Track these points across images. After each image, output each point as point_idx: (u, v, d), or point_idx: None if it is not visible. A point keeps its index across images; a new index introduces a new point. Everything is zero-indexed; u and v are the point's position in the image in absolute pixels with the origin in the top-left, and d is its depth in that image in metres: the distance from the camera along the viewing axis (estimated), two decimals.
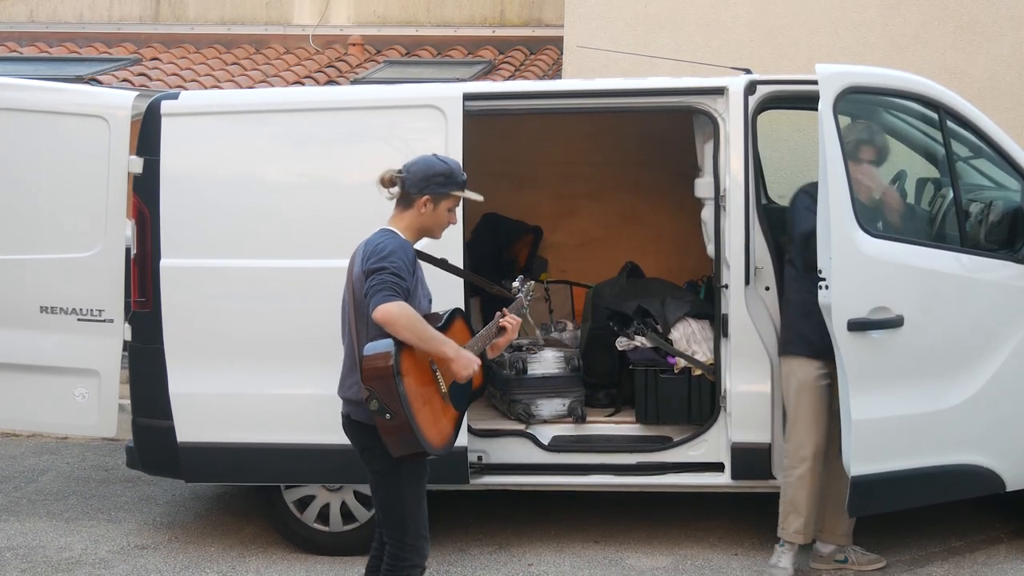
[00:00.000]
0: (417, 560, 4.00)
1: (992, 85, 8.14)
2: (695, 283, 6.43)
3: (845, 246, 4.74)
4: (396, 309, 3.74)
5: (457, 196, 4.07)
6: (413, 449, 3.81)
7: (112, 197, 5.47)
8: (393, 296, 3.75)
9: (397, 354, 3.75)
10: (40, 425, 6.30)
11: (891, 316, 4.82)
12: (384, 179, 4.02)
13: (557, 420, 5.71)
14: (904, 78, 5.21)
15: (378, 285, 3.78)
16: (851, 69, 5.05)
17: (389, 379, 3.72)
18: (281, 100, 5.74)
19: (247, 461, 5.41)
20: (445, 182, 4.00)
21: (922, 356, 4.97)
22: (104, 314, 5.50)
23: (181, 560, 5.59)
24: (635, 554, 5.53)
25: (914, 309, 4.88)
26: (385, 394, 3.73)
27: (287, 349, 5.29)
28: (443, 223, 4.08)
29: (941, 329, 5.01)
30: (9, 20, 11.71)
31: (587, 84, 5.75)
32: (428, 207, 4.00)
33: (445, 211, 4.05)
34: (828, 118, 4.77)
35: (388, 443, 3.81)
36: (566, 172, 7.70)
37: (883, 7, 8.32)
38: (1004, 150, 5.20)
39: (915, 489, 5.02)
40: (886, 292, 4.83)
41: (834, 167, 4.75)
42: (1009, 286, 5.10)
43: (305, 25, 11.45)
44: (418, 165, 4.01)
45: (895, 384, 4.89)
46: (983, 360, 5.06)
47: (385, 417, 3.74)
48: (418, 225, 4.03)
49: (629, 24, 8.58)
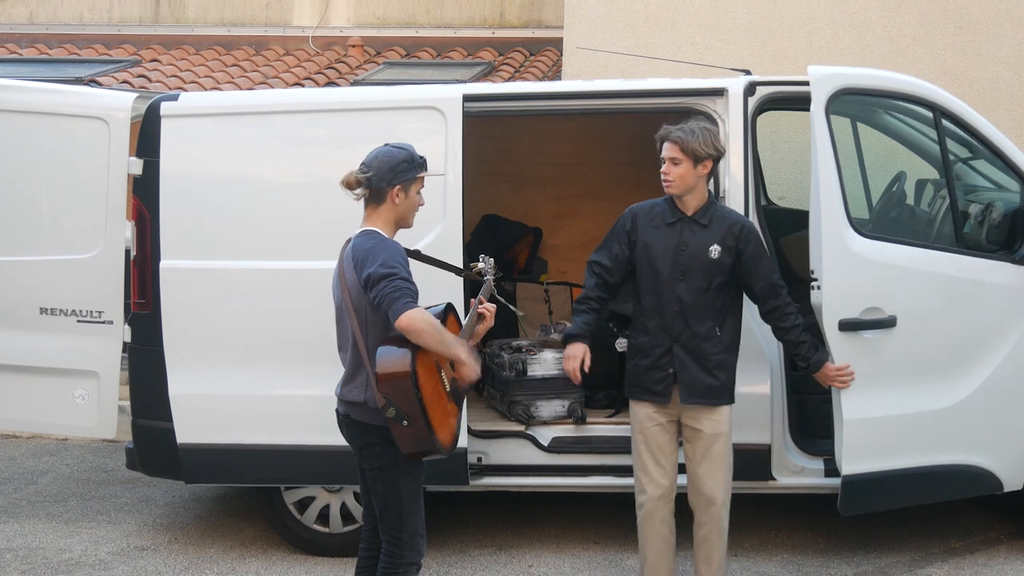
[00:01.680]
0: (414, 557, 4.02)
1: (992, 86, 8.15)
2: None
3: (837, 247, 4.79)
4: (419, 316, 3.78)
5: (422, 177, 4.09)
6: (425, 449, 3.86)
7: (112, 198, 5.47)
8: (412, 303, 3.80)
9: (413, 361, 3.78)
10: (40, 426, 6.30)
11: (884, 317, 4.85)
12: (349, 182, 4.02)
13: (557, 421, 5.71)
14: (899, 79, 5.23)
15: (393, 292, 3.80)
16: (843, 71, 5.08)
17: (408, 387, 3.75)
18: (281, 101, 5.73)
19: (247, 462, 5.41)
20: (409, 167, 4.03)
21: (916, 357, 4.98)
22: (104, 315, 5.50)
23: (181, 561, 5.59)
24: (635, 555, 5.51)
25: (908, 310, 4.90)
26: (403, 401, 3.77)
27: (287, 350, 5.29)
28: (415, 207, 4.12)
29: (936, 330, 5.02)
30: (9, 22, 11.71)
31: (587, 85, 5.75)
32: (401, 196, 4.03)
33: (415, 195, 4.09)
34: (820, 119, 4.82)
35: (400, 442, 3.85)
36: (566, 173, 7.71)
37: (883, 8, 8.33)
38: (1001, 151, 5.20)
39: (907, 489, 5.03)
40: (879, 293, 4.86)
41: (826, 168, 4.80)
42: (1007, 287, 5.10)
43: (305, 26, 11.46)
44: (380, 159, 4.03)
45: (888, 384, 4.91)
46: (980, 361, 5.07)
47: (403, 424, 3.77)
48: (395, 217, 4.06)
49: (629, 25, 8.58)
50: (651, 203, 4.74)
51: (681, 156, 4.53)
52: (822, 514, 5.91)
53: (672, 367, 4.58)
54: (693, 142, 4.51)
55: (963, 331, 5.09)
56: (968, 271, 5.07)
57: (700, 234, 4.58)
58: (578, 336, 4.61)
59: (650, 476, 4.67)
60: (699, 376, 4.57)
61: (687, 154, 4.51)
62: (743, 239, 4.59)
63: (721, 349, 4.60)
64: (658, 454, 4.67)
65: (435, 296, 4.25)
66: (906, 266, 4.97)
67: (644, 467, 4.69)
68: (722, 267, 4.57)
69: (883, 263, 4.91)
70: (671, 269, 4.57)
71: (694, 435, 4.65)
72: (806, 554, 5.53)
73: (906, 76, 5.32)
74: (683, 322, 4.56)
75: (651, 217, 4.67)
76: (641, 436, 4.69)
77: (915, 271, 4.98)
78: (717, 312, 4.60)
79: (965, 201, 5.52)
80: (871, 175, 6.43)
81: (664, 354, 4.59)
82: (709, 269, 4.55)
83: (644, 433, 4.68)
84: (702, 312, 4.56)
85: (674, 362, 4.58)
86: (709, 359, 4.57)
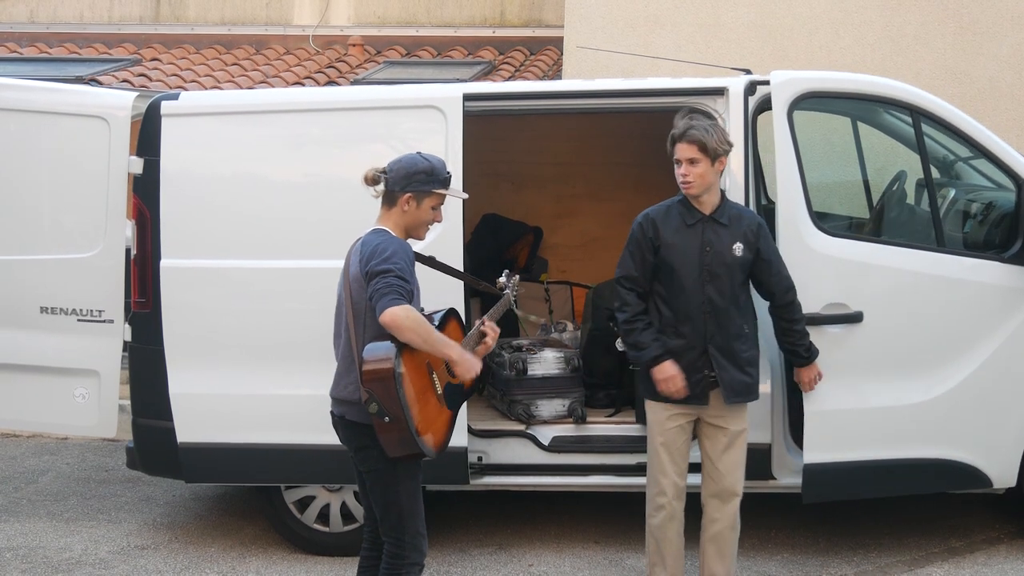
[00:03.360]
0: (416, 557, 4.01)
1: (992, 85, 8.15)
2: None
3: (796, 244, 4.97)
4: (403, 313, 3.75)
5: (439, 194, 4.05)
6: (410, 451, 3.82)
7: (112, 197, 5.47)
8: (399, 299, 3.76)
9: (398, 357, 3.76)
10: (40, 425, 6.31)
11: (849, 312, 4.98)
12: (368, 177, 4.04)
13: (557, 420, 5.71)
14: (871, 82, 5.34)
15: (384, 288, 3.78)
16: (806, 75, 5.22)
17: (390, 383, 3.72)
18: (281, 101, 5.73)
19: (247, 461, 5.41)
20: (427, 180, 4.00)
21: (885, 352, 5.08)
22: (104, 314, 5.50)
23: (181, 560, 5.59)
24: (635, 554, 5.52)
25: (876, 306, 5.02)
26: (385, 397, 3.74)
27: (287, 349, 5.29)
28: (426, 222, 4.07)
29: (908, 326, 5.10)
30: (9, 20, 11.72)
31: (587, 85, 5.75)
32: (411, 205, 4.00)
33: (428, 209, 4.04)
34: (782, 123, 5.03)
35: (385, 444, 3.82)
36: (566, 172, 7.71)
37: (883, 8, 8.33)
38: (989, 150, 5.24)
39: (877, 480, 5.13)
40: (842, 289, 5.00)
41: (789, 169, 5.01)
42: (991, 286, 5.13)
43: (305, 25, 11.46)
44: (401, 163, 4.02)
45: (855, 377, 5.02)
46: (960, 358, 5.11)
47: (384, 420, 3.75)
48: (404, 224, 4.04)
49: (629, 25, 8.59)
50: (664, 206, 4.70)
51: (700, 155, 4.50)
52: (822, 514, 5.92)
53: (709, 369, 4.57)
54: (711, 140, 4.48)
55: (940, 328, 5.14)
56: (947, 270, 5.12)
57: (722, 233, 4.57)
58: (662, 355, 4.57)
59: (669, 478, 4.66)
60: (736, 375, 4.58)
61: (707, 153, 4.49)
62: (762, 235, 4.62)
63: (751, 346, 4.64)
64: (676, 455, 4.66)
65: (434, 300, 4.25)
66: (874, 263, 5.09)
67: (663, 469, 4.66)
68: (745, 264, 4.59)
69: (848, 260, 5.04)
70: (698, 271, 4.56)
71: (716, 432, 4.65)
72: (806, 554, 5.53)
73: (881, 78, 5.38)
74: (715, 323, 4.56)
75: (669, 220, 4.64)
76: (661, 438, 4.67)
77: (885, 268, 5.09)
78: (742, 309, 4.62)
79: (960, 201, 5.54)
80: (871, 175, 6.44)
81: (699, 356, 4.57)
82: (734, 267, 4.56)
83: (664, 435, 4.66)
84: (731, 311, 4.57)
85: (712, 364, 4.56)
86: (741, 357, 4.59)
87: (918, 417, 5.10)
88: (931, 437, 5.13)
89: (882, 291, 5.07)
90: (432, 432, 3.88)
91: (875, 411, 5.07)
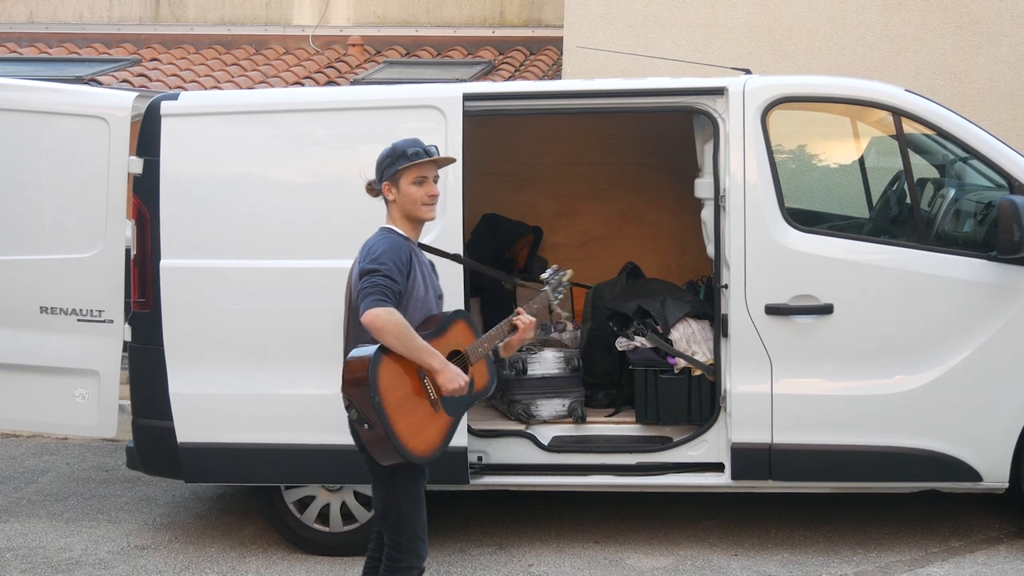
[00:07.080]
0: (413, 561, 4.00)
1: (992, 85, 8.16)
2: (695, 283, 6.43)
3: (763, 240, 5.19)
4: (384, 315, 3.72)
5: (410, 168, 4.02)
6: (397, 459, 3.78)
7: (112, 197, 5.47)
8: (383, 300, 3.74)
9: (376, 363, 3.70)
10: (40, 425, 6.30)
11: (818, 304, 5.16)
12: (367, 191, 4.15)
13: (557, 420, 5.71)
14: (850, 85, 5.48)
15: (369, 288, 3.78)
16: (779, 80, 5.42)
17: (364, 389, 3.69)
18: (281, 101, 5.73)
19: (247, 461, 5.41)
20: (392, 162, 4.04)
21: (857, 343, 5.20)
22: (104, 314, 5.50)
23: (181, 560, 5.59)
24: (635, 554, 5.53)
25: (848, 299, 5.17)
26: (362, 404, 3.71)
27: (287, 350, 5.29)
28: (417, 199, 4.03)
29: (882, 320, 5.20)
30: (9, 21, 11.73)
31: (587, 84, 5.75)
32: (393, 191, 4.04)
33: (410, 187, 4.02)
34: (755, 127, 5.19)
35: (371, 451, 3.81)
36: (566, 172, 7.70)
37: (883, 8, 8.33)
38: (978, 151, 5.30)
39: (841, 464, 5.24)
40: (812, 282, 5.18)
41: (757, 172, 5.21)
42: (974, 282, 5.18)
43: (305, 25, 11.47)
44: (375, 163, 4.10)
45: (824, 366, 5.20)
46: (941, 351, 5.17)
47: (364, 427, 3.73)
48: (401, 214, 4.05)
49: (629, 24, 8.59)
50: None
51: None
52: (822, 514, 5.92)
53: None
54: None
55: (917, 322, 5.19)
56: (926, 266, 5.19)
57: None
58: None
59: None
60: None
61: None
62: None
63: None
64: None
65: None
66: (847, 259, 5.22)
67: None
68: None
69: (818, 255, 5.21)
70: None
71: None
72: (806, 554, 5.53)
73: (859, 81, 5.45)
74: None
75: None
76: None
77: (859, 264, 5.21)
78: None
79: (949, 200, 5.56)
80: (872, 174, 6.45)
81: None
82: None
83: None
84: None
85: None
86: None
87: (898, 407, 5.19)
88: (913, 427, 5.20)
89: (858, 285, 5.19)
90: (422, 439, 3.81)
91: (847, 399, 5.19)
